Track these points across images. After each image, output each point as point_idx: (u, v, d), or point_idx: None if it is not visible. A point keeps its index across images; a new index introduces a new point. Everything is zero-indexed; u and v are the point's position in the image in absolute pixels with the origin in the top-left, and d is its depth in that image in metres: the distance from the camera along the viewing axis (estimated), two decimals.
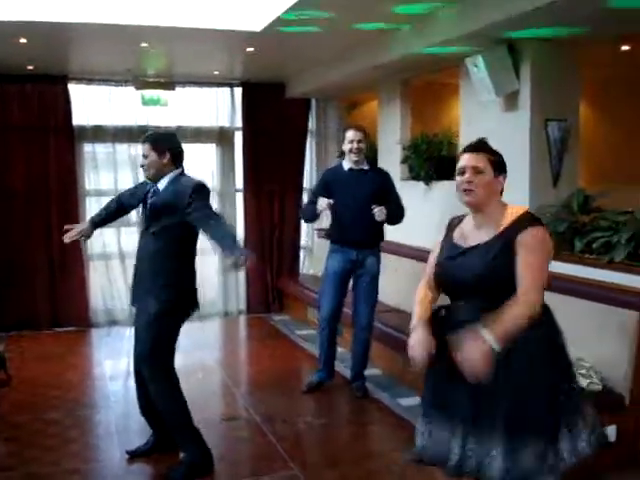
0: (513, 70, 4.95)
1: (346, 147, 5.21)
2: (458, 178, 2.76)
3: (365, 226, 5.08)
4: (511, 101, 5.09)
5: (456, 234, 2.85)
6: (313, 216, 5.31)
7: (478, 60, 4.92)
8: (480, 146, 2.81)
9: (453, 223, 2.94)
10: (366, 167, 5.26)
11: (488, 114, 5.31)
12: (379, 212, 4.98)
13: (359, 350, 5.29)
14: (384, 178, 5.28)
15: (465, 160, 2.76)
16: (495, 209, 2.76)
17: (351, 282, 5.33)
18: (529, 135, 4.96)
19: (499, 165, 2.80)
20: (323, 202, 5.07)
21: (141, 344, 3.96)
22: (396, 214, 5.12)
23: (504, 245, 2.64)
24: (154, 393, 3.98)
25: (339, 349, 5.58)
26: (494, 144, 5.24)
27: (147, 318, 3.90)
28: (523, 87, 4.98)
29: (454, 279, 2.75)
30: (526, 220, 2.70)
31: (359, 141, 5.17)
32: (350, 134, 5.20)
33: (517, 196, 4.98)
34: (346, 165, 5.27)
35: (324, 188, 5.28)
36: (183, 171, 4.19)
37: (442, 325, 2.75)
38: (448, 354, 2.56)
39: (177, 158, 4.16)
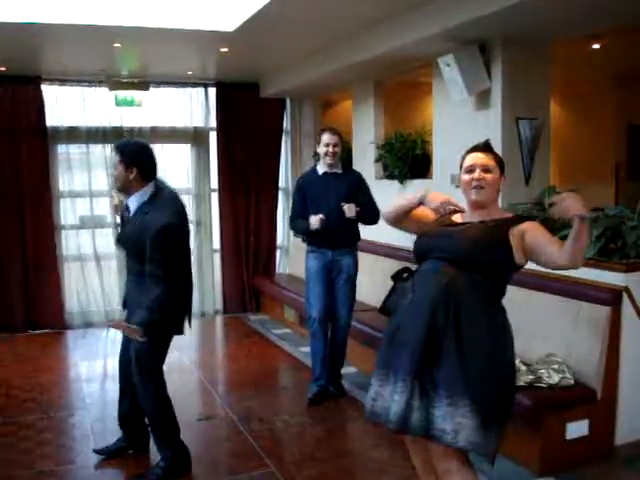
0: (484, 69, 5.00)
1: (321, 150, 5.18)
2: (466, 176, 2.89)
3: (340, 227, 5.09)
4: (483, 100, 5.14)
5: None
6: (306, 232, 5.25)
7: (450, 59, 4.97)
8: (488, 146, 2.98)
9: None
10: (340, 171, 5.26)
11: (460, 113, 5.36)
12: (348, 208, 5.00)
13: (336, 349, 5.32)
14: (357, 179, 5.28)
15: (474, 159, 2.91)
16: (495, 209, 2.97)
17: None
18: (501, 133, 5.02)
19: (502, 166, 2.96)
20: (316, 219, 5.03)
21: (134, 347, 3.88)
22: (370, 214, 5.11)
23: (496, 229, 2.82)
24: (142, 395, 3.95)
25: None
26: (467, 142, 5.30)
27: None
28: (494, 86, 5.04)
29: (444, 247, 2.84)
30: (519, 218, 2.98)
31: (335, 145, 5.15)
32: (326, 137, 5.16)
33: None
34: (320, 169, 5.26)
35: (302, 196, 5.27)
36: (158, 187, 3.91)
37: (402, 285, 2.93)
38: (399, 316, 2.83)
39: (146, 174, 3.85)
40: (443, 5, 4.61)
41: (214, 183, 8.41)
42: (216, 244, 8.45)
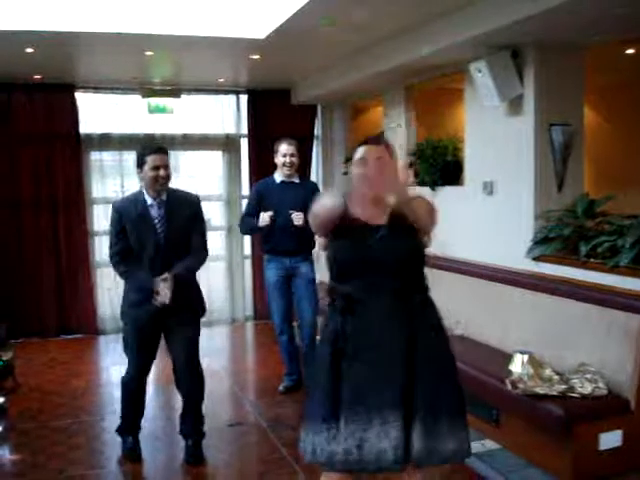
0: (517, 75, 4.95)
1: (279, 160, 5.39)
2: (359, 170, 2.81)
3: (296, 235, 5.22)
4: (515, 106, 5.09)
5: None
6: (253, 229, 5.49)
7: (482, 65, 4.93)
8: (379, 138, 2.98)
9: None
10: (297, 180, 5.46)
11: (492, 119, 5.31)
12: (296, 217, 5.12)
13: (306, 345, 5.45)
14: (313, 189, 5.38)
15: (365, 152, 2.83)
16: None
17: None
18: (533, 140, 4.96)
19: (395, 156, 2.89)
20: (266, 216, 5.23)
21: (189, 343, 4.30)
22: None
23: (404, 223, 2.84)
24: (200, 381, 4.39)
25: None
26: (499, 149, 5.27)
27: None
28: (527, 92, 4.98)
29: (376, 260, 2.75)
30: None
31: (292, 155, 5.35)
32: (283, 147, 5.36)
33: (522, 201, 5.00)
34: (278, 178, 5.45)
35: (258, 198, 5.44)
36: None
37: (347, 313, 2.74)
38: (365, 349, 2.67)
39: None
40: (475, 11, 4.58)
41: (245, 189, 8.44)
42: (247, 250, 8.47)
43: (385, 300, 2.71)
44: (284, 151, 5.35)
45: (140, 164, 4.10)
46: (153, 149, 4.13)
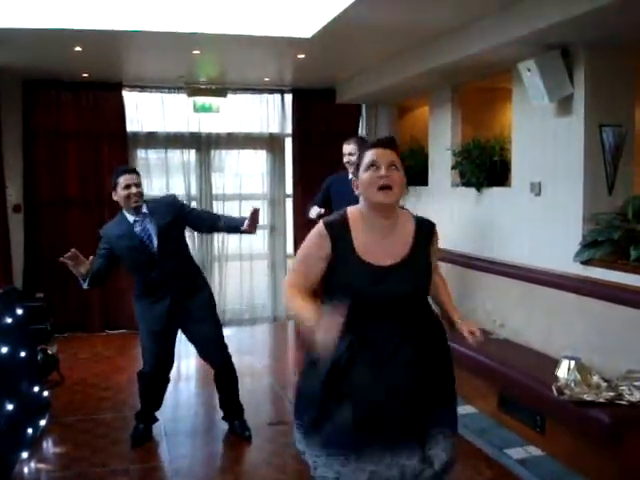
0: (567, 74, 4.86)
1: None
2: (368, 174, 2.54)
3: None
4: (564, 106, 4.99)
5: (358, 247, 2.56)
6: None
7: (531, 64, 4.84)
8: (392, 141, 2.64)
9: (335, 229, 2.59)
10: None
11: (541, 119, 5.22)
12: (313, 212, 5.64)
13: None
14: None
15: (377, 155, 2.55)
16: (397, 213, 2.66)
17: None
18: (583, 140, 4.85)
19: (403, 164, 2.62)
20: (314, 212, 5.56)
21: (216, 329, 4.64)
22: None
23: (425, 253, 2.65)
24: (232, 366, 4.71)
25: None
26: (547, 149, 5.17)
27: None
28: (577, 91, 4.88)
29: (387, 298, 2.53)
30: (427, 223, 2.72)
31: (350, 154, 5.70)
32: (344, 148, 5.80)
33: (571, 203, 4.91)
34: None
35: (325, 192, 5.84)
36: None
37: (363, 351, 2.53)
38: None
39: None
40: (524, 10, 4.50)
41: (289, 189, 8.45)
42: (289, 249, 8.48)
43: (393, 333, 2.55)
44: (344, 151, 5.74)
45: (114, 186, 4.44)
46: (122, 170, 4.50)
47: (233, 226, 4.51)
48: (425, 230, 2.68)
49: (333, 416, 2.53)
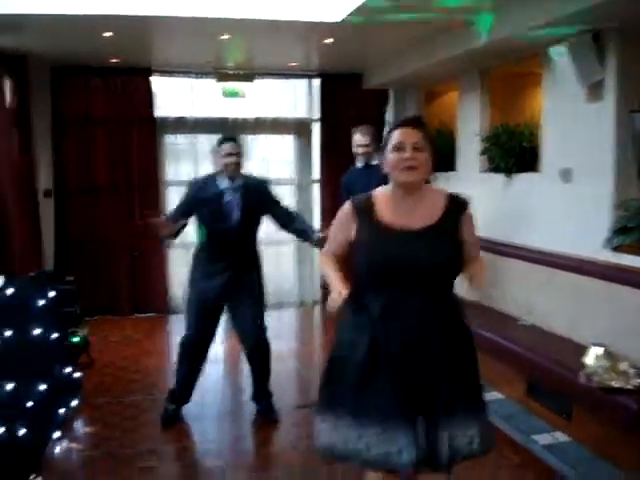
0: (598, 59, 4.80)
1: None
2: (394, 155, 2.61)
3: None
4: (595, 91, 4.94)
5: (382, 215, 2.65)
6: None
7: (562, 49, 4.79)
8: (419, 121, 2.70)
9: (361, 202, 2.73)
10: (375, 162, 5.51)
11: (571, 104, 5.16)
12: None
13: None
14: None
15: (403, 135, 2.61)
16: (426, 189, 2.71)
17: None
18: (614, 126, 4.80)
19: (433, 144, 2.67)
20: None
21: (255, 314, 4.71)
22: None
23: (455, 227, 2.66)
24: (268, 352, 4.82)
25: None
26: (578, 135, 5.12)
27: None
28: (608, 76, 4.82)
29: (411, 264, 2.57)
30: (460, 199, 2.75)
31: (365, 144, 5.63)
32: (355, 138, 5.68)
33: (600, 189, 4.86)
34: (358, 163, 5.75)
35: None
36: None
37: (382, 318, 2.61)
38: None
39: None
40: None
41: (316, 174, 8.46)
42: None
43: (419, 304, 2.58)
44: (355, 142, 5.65)
45: (216, 152, 4.56)
46: (226, 138, 4.60)
47: (302, 236, 4.81)
48: (457, 205, 2.71)
49: (371, 384, 2.59)
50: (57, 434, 4.35)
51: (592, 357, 4.18)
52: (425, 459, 2.55)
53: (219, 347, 6.47)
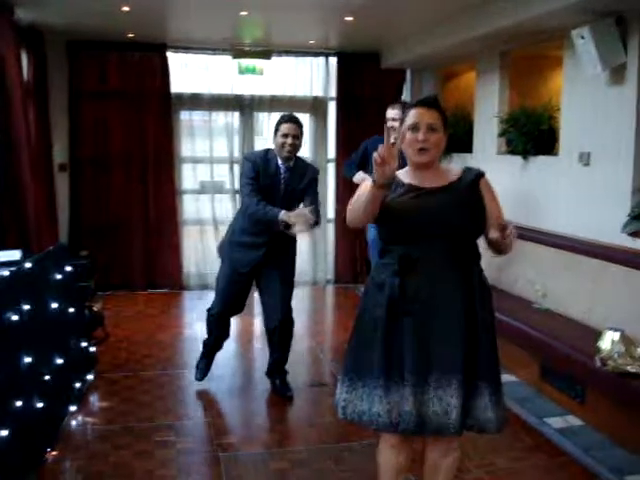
0: (621, 43, 4.75)
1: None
2: (410, 135, 2.68)
3: None
4: (617, 75, 4.89)
5: (402, 178, 2.75)
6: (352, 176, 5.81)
7: (585, 32, 4.75)
8: (434, 101, 2.76)
9: None
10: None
11: (592, 88, 5.12)
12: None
13: None
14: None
15: (419, 116, 2.69)
16: (438, 167, 2.80)
17: None
18: (635, 111, 4.76)
19: (447, 123, 2.76)
20: (359, 177, 5.53)
21: (285, 287, 4.82)
22: None
23: (473, 191, 2.73)
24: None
25: None
26: (598, 118, 5.08)
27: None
28: (630, 60, 4.77)
29: (441, 215, 2.65)
30: (475, 169, 2.86)
31: (394, 119, 5.50)
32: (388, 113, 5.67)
33: (620, 174, 4.83)
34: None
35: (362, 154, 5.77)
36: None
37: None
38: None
39: None
40: None
41: (331, 152, 8.44)
42: (330, 214, 8.49)
43: (443, 261, 2.65)
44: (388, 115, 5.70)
45: (275, 131, 4.56)
46: (286, 118, 4.56)
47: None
48: (472, 174, 2.81)
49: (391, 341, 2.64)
50: (73, 408, 4.40)
51: (608, 341, 4.17)
52: (436, 425, 2.60)
53: (234, 324, 6.52)
